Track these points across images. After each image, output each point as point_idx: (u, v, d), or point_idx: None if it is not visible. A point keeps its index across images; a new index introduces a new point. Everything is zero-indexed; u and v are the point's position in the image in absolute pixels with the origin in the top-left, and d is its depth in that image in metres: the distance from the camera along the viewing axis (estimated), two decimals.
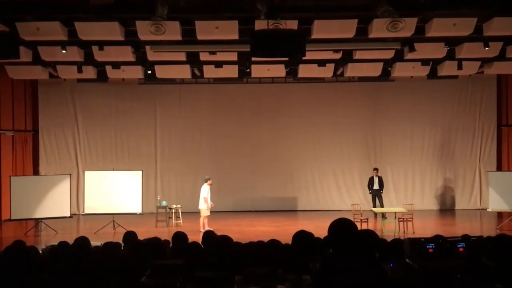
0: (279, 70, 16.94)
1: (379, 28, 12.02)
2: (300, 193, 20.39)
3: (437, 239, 6.29)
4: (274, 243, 6.75)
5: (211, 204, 15.92)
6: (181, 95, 20.24)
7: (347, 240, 4.11)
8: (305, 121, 20.13)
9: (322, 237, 6.41)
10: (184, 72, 16.87)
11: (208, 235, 7.34)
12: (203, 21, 12.15)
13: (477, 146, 20.29)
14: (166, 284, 5.34)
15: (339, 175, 20.39)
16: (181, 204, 17.20)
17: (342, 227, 4.16)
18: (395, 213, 15.15)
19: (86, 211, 16.82)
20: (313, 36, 12.46)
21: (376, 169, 18.42)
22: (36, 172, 19.47)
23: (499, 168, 19.73)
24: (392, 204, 18.97)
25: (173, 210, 16.89)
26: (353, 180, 20.28)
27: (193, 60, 15.88)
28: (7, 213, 16.68)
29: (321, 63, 16.31)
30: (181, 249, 6.76)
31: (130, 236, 7.45)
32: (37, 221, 16.17)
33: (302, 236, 6.14)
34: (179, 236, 7.07)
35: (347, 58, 15.77)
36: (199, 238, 7.58)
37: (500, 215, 17.51)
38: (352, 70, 16.90)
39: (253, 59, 15.10)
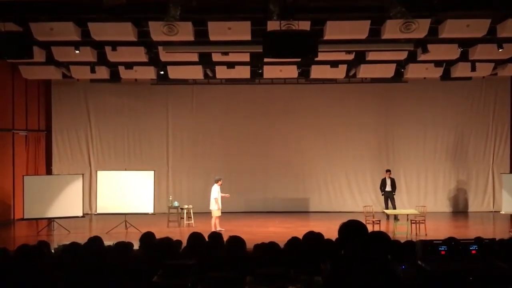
0: (291, 71, 16.93)
1: (392, 29, 12.00)
2: (312, 194, 20.34)
3: (449, 241, 6.26)
4: (292, 241, 6.72)
5: (227, 195, 16.10)
6: (194, 95, 20.26)
7: (358, 241, 4.10)
8: (317, 122, 20.08)
9: (334, 238, 6.39)
10: (197, 72, 16.91)
11: (213, 236, 7.33)
12: (215, 22, 12.19)
13: (491, 148, 20.15)
14: (177, 284, 5.34)
15: (351, 177, 20.32)
16: (192, 205, 17.21)
17: (352, 229, 4.16)
18: (408, 215, 15.08)
19: (99, 211, 16.90)
20: (326, 37, 12.46)
21: (388, 171, 18.30)
22: (49, 171, 19.59)
23: None
24: (405, 206, 18.86)
25: (185, 211, 16.93)
26: (365, 181, 20.19)
27: (206, 61, 15.90)
28: (20, 212, 16.79)
29: (334, 64, 16.29)
30: (194, 250, 6.76)
31: (148, 236, 7.43)
32: (50, 220, 16.24)
33: (311, 237, 6.13)
34: (195, 237, 7.05)
35: (360, 59, 15.73)
36: None
37: None
38: (364, 71, 16.86)
39: (265, 60, 15.12)
